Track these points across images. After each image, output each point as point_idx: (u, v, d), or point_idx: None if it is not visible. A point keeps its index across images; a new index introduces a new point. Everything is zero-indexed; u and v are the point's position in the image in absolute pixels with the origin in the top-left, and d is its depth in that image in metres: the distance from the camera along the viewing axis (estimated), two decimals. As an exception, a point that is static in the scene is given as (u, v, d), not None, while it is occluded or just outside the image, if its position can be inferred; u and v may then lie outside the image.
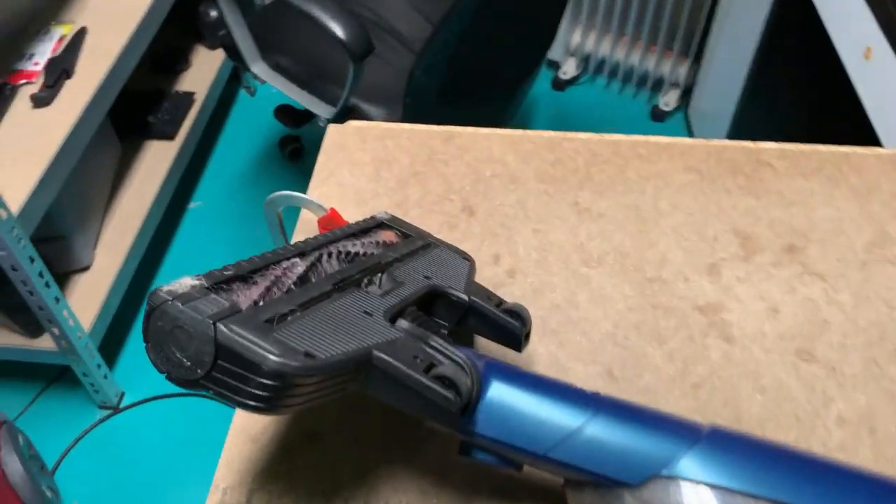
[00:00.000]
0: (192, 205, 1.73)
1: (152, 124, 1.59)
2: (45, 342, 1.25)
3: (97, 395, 1.28)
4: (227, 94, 1.89)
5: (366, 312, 0.43)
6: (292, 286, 0.44)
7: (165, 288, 0.38)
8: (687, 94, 2.03)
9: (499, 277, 0.62)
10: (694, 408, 0.53)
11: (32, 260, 1.09)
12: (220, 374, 0.36)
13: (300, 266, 0.46)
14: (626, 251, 0.64)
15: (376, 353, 0.39)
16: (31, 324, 1.22)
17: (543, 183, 0.69)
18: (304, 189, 0.70)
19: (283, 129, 1.69)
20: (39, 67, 1.22)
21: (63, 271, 1.35)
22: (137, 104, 1.60)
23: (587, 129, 1.84)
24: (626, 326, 0.58)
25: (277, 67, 1.35)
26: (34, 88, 1.22)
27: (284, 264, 0.45)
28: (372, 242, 0.55)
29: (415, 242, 0.57)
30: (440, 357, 0.43)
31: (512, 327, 0.51)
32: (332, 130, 0.74)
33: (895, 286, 0.60)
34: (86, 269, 1.37)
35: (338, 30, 1.11)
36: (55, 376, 1.39)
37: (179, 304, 0.37)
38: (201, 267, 1.58)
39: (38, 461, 1.19)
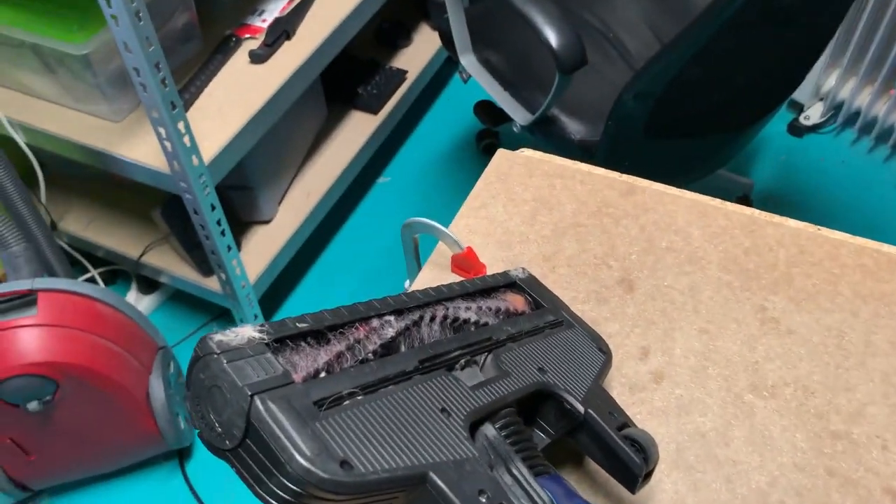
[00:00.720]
0: (381, 179, 1.74)
1: (360, 95, 1.62)
2: (213, 283, 1.32)
3: (251, 341, 1.33)
4: (441, 74, 1.88)
5: (443, 410, 0.36)
6: (370, 355, 0.37)
7: (217, 336, 0.33)
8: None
9: (640, 378, 0.51)
10: None
11: (213, 208, 1.14)
12: (247, 456, 0.31)
13: (391, 328, 0.39)
14: (811, 387, 0.50)
15: (433, 476, 0.32)
16: (205, 263, 1.29)
17: (728, 273, 0.57)
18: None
19: (484, 125, 1.65)
20: (265, 25, 1.27)
21: (246, 220, 1.42)
22: (351, 73, 1.63)
23: (816, 189, 1.60)
24: (786, 488, 0.46)
25: (486, 63, 1.29)
26: (255, 44, 1.27)
27: (374, 323, 0.39)
28: (491, 309, 0.47)
29: (545, 316, 0.48)
30: (513, 495, 0.35)
31: (629, 462, 0.41)
32: (500, 156, 0.67)
33: None
34: (266, 222, 1.43)
35: (551, 36, 1.02)
36: (217, 314, 1.47)
37: (224, 362, 0.31)
38: (373, 242, 1.59)
39: (182, 391, 1.26)
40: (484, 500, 0.32)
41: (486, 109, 1.43)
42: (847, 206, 1.61)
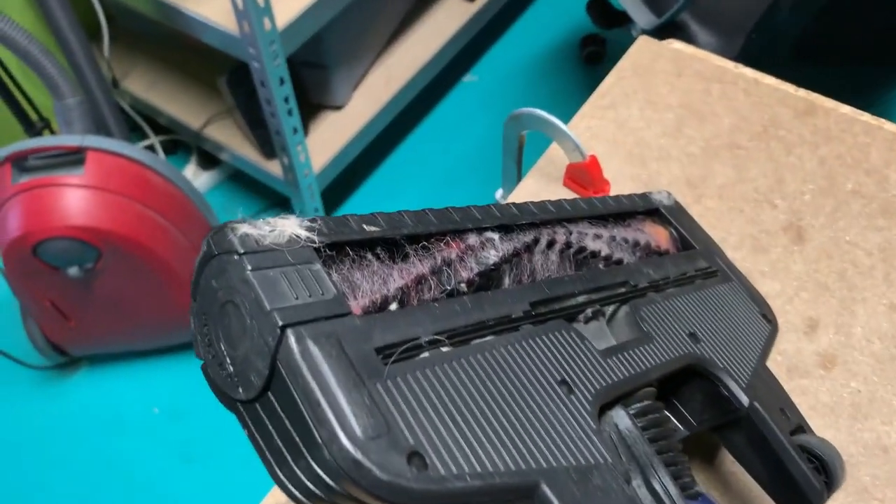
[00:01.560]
0: (468, 78, 1.58)
1: (458, -22, 1.44)
2: (275, 167, 1.22)
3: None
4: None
5: (563, 383, 0.24)
6: (463, 286, 0.25)
7: (243, 228, 0.21)
8: None
9: (803, 359, 0.38)
10: None
11: (282, 81, 1.02)
12: (266, 417, 0.20)
13: (495, 251, 0.27)
14: None
15: (546, 491, 0.20)
16: (268, 144, 1.18)
17: (938, 235, 0.42)
18: (573, 110, 0.50)
19: (591, 26, 1.47)
20: None
21: (316, 102, 1.30)
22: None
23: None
24: None
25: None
26: None
27: (472, 239, 0.27)
28: (627, 242, 0.34)
29: (695, 261, 0.35)
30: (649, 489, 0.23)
31: (805, 484, 0.28)
32: (642, 45, 0.52)
33: None
34: (339, 107, 1.31)
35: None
36: (276, 202, 1.38)
37: (247, 268, 0.20)
38: (450, 148, 1.45)
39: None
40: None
41: (601, 7, 1.25)
42: None
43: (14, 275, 0.98)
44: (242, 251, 0.20)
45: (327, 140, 1.27)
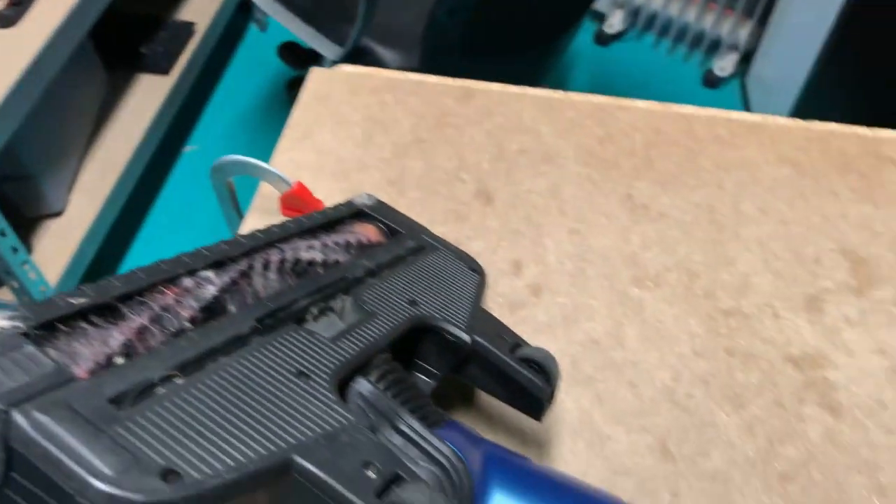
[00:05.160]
0: (188, 148, 1.56)
1: (145, 56, 1.42)
2: (6, 294, 1.12)
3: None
4: (235, 27, 1.71)
5: (300, 374, 0.27)
6: (187, 324, 0.28)
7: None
8: (746, 59, 1.81)
9: (518, 294, 0.45)
10: (786, 518, 0.37)
11: (-15, 203, 0.95)
12: (19, 496, 0.21)
13: (212, 286, 0.30)
14: (694, 269, 0.47)
15: (300, 461, 0.23)
16: (-9, 273, 1.08)
17: (587, 166, 0.52)
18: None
19: (293, 70, 1.52)
20: (6, -20, 1.06)
21: (32, 215, 1.21)
22: (129, 32, 1.42)
23: (631, 92, 1.64)
24: (691, 378, 0.42)
25: (282, -1, 1.16)
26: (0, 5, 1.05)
27: (186, 282, 0.29)
28: (340, 244, 0.38)
29: (403, 243, 0.41)
30: (408, 458, 0.27)
31: (530, 385, 0.34)
32: (315, 76, 0.57)
33: None
34: (58, 214, 1.23)
35: (348, -45, 0.92)
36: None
37: (-47, 368, 0.21)
38: (192, 220, 1.43)
39: None
40: (373, 474, 0.24)
41: (292, 51, 1.31)
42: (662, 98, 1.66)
43: None
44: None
45: (56, 250, 1.19)
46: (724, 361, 0.43)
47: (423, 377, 0.36)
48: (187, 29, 1.49)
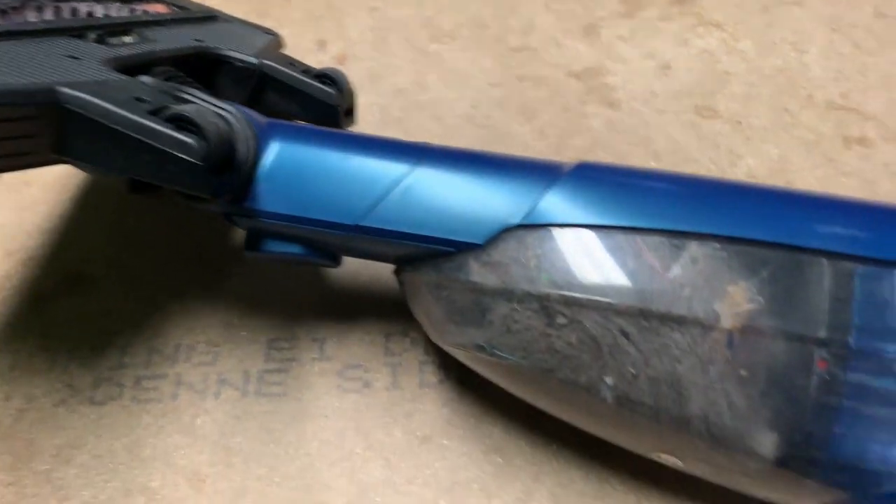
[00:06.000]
0: None
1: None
2: None
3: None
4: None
5: (72, 57, 0.29)
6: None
7: None
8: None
9: (325, 65, 0.48)
10: (573, 182, 0.42)
11: None
12: None
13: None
14: (484, 22, 0.51)
15: (66, 90, 0.26)
16: None
17: (378, -46, 0.55)
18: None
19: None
20: None
21: None
22: None
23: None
24: (488, 104, 0.46)
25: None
26: None
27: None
28: (127, 9, 0.40)
29: (193, 12, 0.42)
30: (184, 103, 0.30)
31: (323, 96, 0.37)
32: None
33: (802, 28, 0.50)
34: None
35: None
36: None
37: None
38: None
39: None
40: (143, 104, 0.26)
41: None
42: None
43: None
44: None
45: None
46: (516, 86, 0.47)
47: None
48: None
